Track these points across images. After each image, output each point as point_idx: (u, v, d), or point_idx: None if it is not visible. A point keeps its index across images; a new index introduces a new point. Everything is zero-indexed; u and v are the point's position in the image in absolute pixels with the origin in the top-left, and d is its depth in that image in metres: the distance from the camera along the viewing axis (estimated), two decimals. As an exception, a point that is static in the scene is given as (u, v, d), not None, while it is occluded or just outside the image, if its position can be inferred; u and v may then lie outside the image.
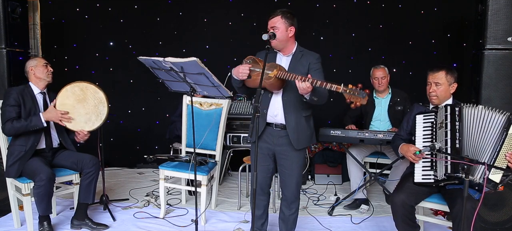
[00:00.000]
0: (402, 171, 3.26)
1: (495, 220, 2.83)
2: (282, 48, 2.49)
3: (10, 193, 3.05)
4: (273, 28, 2.41)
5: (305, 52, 2.49)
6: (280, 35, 2.40)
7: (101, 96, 3.04)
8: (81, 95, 2.99)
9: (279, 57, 2.53)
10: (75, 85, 2.99)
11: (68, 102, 2.96)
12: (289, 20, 2.43)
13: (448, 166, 2.27)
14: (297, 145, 2.48)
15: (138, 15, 4.91)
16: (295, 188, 2.57)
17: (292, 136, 2.46)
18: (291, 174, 2.54)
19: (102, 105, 3.05)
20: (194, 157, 2.76)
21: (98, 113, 3.04)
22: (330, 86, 2.16)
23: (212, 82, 2.36)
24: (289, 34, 2.44)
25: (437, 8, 4.54)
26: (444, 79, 2.54)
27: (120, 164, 5.01)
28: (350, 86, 2.10)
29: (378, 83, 3.70)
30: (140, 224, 3.20)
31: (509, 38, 3.10)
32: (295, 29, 2.45)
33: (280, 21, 2.41)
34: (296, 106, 2.45)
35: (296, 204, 2.63)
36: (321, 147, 4.61)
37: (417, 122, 2.56)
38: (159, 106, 5.01)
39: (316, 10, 4.75)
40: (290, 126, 2.46)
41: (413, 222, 2.47)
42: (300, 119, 2.48)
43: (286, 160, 2.53)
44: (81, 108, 3.00)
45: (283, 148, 2.51)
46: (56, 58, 4.83)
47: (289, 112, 2.45)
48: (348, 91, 2.10)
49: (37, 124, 2.86)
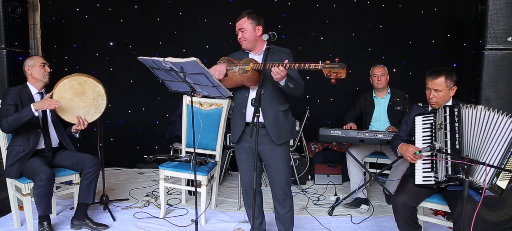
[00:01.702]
0: (402, 171, 3.27)
1: (495, 220, 2.83)
2: (252, 48, 2.54)
3: (10, 193, 3.05)
4: (241, 30, 2.49)
5: (275, 49, 2.51)
6: (249, 35, 2.48)
7: (100, 90, 3.03)
8: (79, 89, 2.98)
9: (251, 56, 2.56)
10: (73, 79, 2.96)
11: (65, 96, 2.94)
12: (256, 20, 2.50)
13: (449, 167, 2.26)
14: (277, 139, 2.50)
15: (138, 15, 4.91)
16: (284, 184, 2.58)
17: (272, 131, 2.48)
18: (278, 172, 2.56)
19: (101, 98, 3.04)
20: (194, 157, 2.76)
21: (97, 106, 3.03)
22: (309, 66, 2.19)
23: (212, 82, 2.35)
24: (257, 33, 2.50)
25: (437, 8, 4.55)
26: (444, 85, 2.50)
27: (120, 164, 5.01)
28: (327, 62, 2.15)
29: (377, 80, 3.70)
30: (140, 224, 3.20)
31: (509, 38, 3.10)
32: (262, 28, 2.51)
33: (247, 22, 2.49)
34: (272, 101, 2.48)
35: (289, 201, 2.63)
36: (321, 147, 4.61)
37: (416, 123, 2.56)
38: (159, 106, 5.01)
39: (316, 10, 4.75)
40: (269, 121, 2.48)
41: (415, 223, 2.46)
42: (278, 113, 2.51)
43: (270, 158, 2.56)
44: (79, 101, 2.98)
45: (265, 146, 2.54)
46: (56, 58, 4.83)
47: (266, 109, 2.47)
48: (326, 66, 2.14)
49: (28, 113, 2.79)
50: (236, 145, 2.66)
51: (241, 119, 2.55)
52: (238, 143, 2.63)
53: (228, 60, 2.56)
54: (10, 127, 2.82)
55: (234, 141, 2.64)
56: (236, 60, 2.53)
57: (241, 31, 2.50)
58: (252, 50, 2.56)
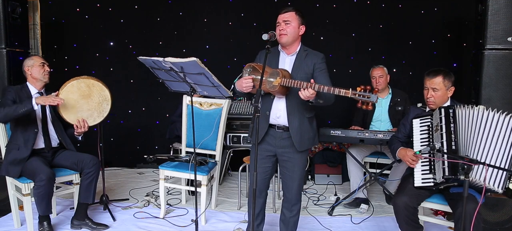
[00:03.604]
0: (402, 171, 3.26)
1: (495, 220, 2.83)
2: (289, 44, 2.44)
3: (10, 193, 3.05)
4: (285, 22, 2.37)
5: (309, 52, 2.45)
6: (292, 31, 2.38)
7: (107, 95, 3.04)
8: (86, 92, 2.98)
9: (283, 56, 2.48)
10: (82, 81, 2.97)
11: (72, 97, 2.94)
12: (302, 19, 2.42)
13: (446, 168, 2.25)
14: (299, 146, 2.44)
15: (138, 15, 4.91)
16: (297, 190, 2.54)
17: (295, 137, 2.42)
18: (293, 177, 2.51)
19: (106, 103, 3.05)
20: (194, 157, 2.76)
21: (101, 110, 3.04)
22: (338, 92, 2.12)
23: (212, 82, 2.35)
24: (299, 31, 2.43)
25: (437, 8, 4.54)
26: (441, 85, 2.50)
27: (120, 164, 5.01)
28: (358, 90, 2.08)
29: (375, 82, 3.72)
30: (140, 224, 3.20)
31: (509, 38, 3.10)
32: (305, 29, 2.44)
33: (294, 16, 2.39)
34: (300, 108, 2.42)
35: (298, 206, 2.60)
36: (321, 147, 4.61)
37: (414, 126, 2.56)
38: (159, 106, 5.01)
39: (316, 10, 4.75)
40: (293, 128, 2.42)
41: (416, 223, 2.46)
42: (303, 120, 2.44)
43: (288, 162, 2.50)
44: (84, 104, 2.99)
45: (285, 150, 2.48)
46: (56, 58, 4.84)
47: (292, 114, 2.42)
48: (357, 95, 2.08)
49: (27, 106, 2.75)
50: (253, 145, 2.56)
51: (264, 120, 2.49)
52: (259, 144, 2.53)
53: (253, 69, 2.42)
54: (5, 117, 2.78)
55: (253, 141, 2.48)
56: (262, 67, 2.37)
57: (285, 23, 2.37)
58: (286, 49, 2.47)
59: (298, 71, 2.40)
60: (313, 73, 2.41)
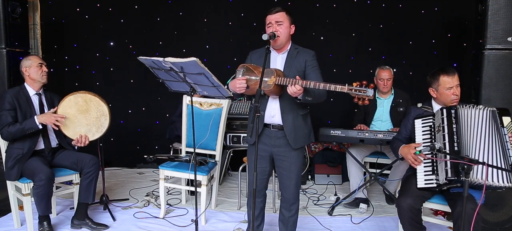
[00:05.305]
0: (402, 171, 3.27)
1: (495, 220, 2.83)
2: (282, 45, 2.45)
3: (10, 193, 3.05)
4: (278, 23, 2.39)
5: (300, 50, 2.47)
6: (285, 31, 2.39)
7: (104, 110, 3.04)
8: (84, 107, 2.99)
9: (274, 55, 2.50)
10: (79, 96, 2.98)
11: (70, 111, 2.95)
12: (291, 18, 2.44)
13: (449, 169, 2.24)
14: (294, 144, 2.46)
15: (138, 15, 4.91)
16: (294, 189, 2.55)
17: (290, 135, 2.44)
18: (290, 176, 2.52)
19: (104, 118, 3.05)
20: (194, 157, 2.76)
21: (99, 125, 3.04)
22: (335, 88, 2.14)
23: (212, 82, 2.35)
24: (290, 31, 2.45)
25: (437, 8, 4.55)
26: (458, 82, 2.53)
27: (120, 164, 5.01)
28: (354, 85, 2.09)
29: (383, 84, 3.69)
30: (140, 224, 3.20)
31: (509, 38, 3.10)
32: (295, 28, 2.46)
33: (285, 16, 2.40)
34: (293, 106, 2.43)
35: (296, 205, 2.60)
36: (321, 147, 4.61)
37: (416, 127, 2.55)
38: (159, 106, 5.01)
39: (316, 10, 4.76)
40: (288, 126, 2.44)
41: (420, 224, 2.45)
42: (297, 118, 2.46)
43: (284, 161, 2.51)
44: (82, 119, 3.00)
45: (280, 149, 2.49)
46: (56, 58, 4.84)
47: (286, 112, 2.43)
48: (353, 90, 2.08)
49: (32, 126, 2.83)
50: (250, 145, 2.58)
51: (260, 120, 2.45)
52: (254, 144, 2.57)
53: (247, 69, 2.43)
54: (12, 137, 2.85)
55: (250, 143, 2.55)
56: (256, 67, 2.41)
57: (277, 24, 2.38)
58: (278, 48, 2.47)
59: (290, 69, 2.41)
60: (304, 70, 2.43)
